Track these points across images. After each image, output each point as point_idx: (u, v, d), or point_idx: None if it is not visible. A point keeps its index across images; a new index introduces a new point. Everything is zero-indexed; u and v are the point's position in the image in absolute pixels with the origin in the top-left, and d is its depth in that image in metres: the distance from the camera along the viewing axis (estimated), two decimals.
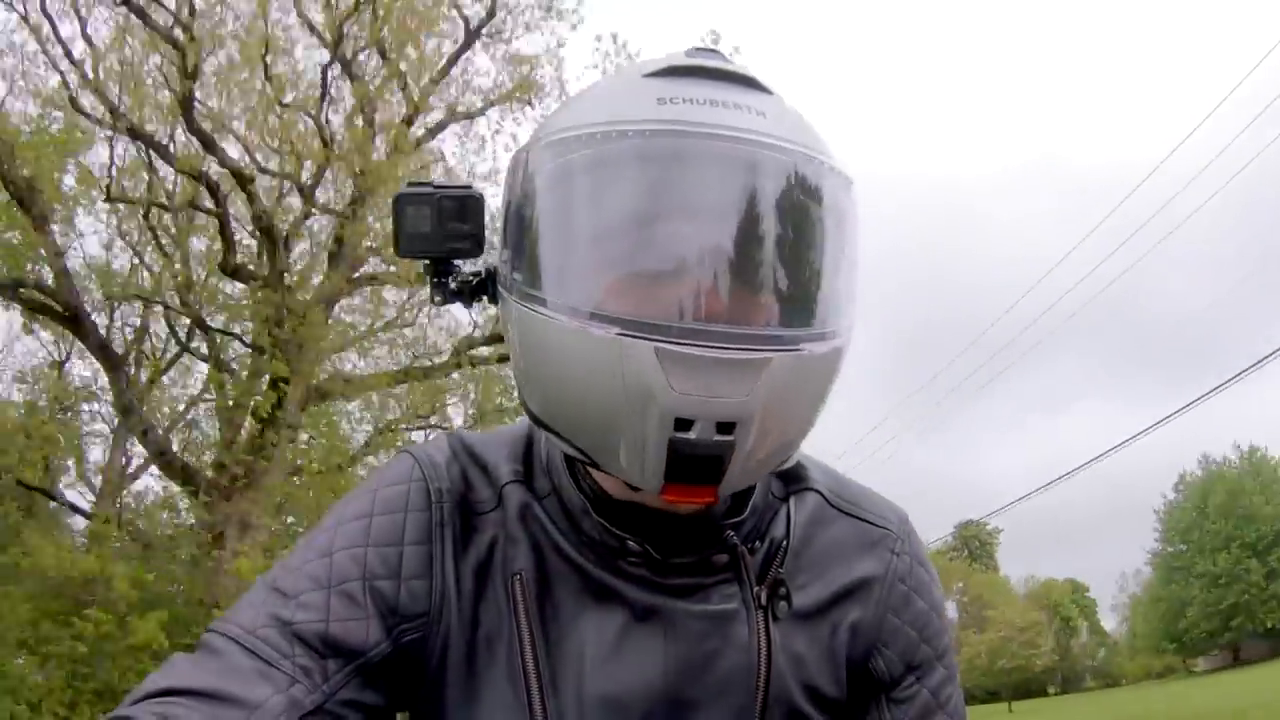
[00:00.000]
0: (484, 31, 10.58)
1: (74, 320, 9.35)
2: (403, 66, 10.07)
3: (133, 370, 12.35)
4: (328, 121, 10.03)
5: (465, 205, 0.80)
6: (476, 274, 0.83)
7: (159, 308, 11.64)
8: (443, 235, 0.80)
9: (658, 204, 0.70)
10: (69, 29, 9.33)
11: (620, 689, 0.77)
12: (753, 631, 0.79)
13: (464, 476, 0.84)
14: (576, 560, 0.80)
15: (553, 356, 0.71)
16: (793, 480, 0.88)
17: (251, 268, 10.15)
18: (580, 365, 0.69)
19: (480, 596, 0.80)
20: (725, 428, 0.67)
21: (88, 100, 9.44)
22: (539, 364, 0.73)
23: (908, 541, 0.90)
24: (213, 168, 9.48)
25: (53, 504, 11.74)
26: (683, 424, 0.66)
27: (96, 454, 14.73)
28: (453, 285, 0.83)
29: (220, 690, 0.68)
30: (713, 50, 0.77)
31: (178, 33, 8.79)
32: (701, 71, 0.74)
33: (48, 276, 9.29)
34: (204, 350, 12.05)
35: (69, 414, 14.11)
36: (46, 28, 9.21)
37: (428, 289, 0.85)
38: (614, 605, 0.79)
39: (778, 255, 0.70)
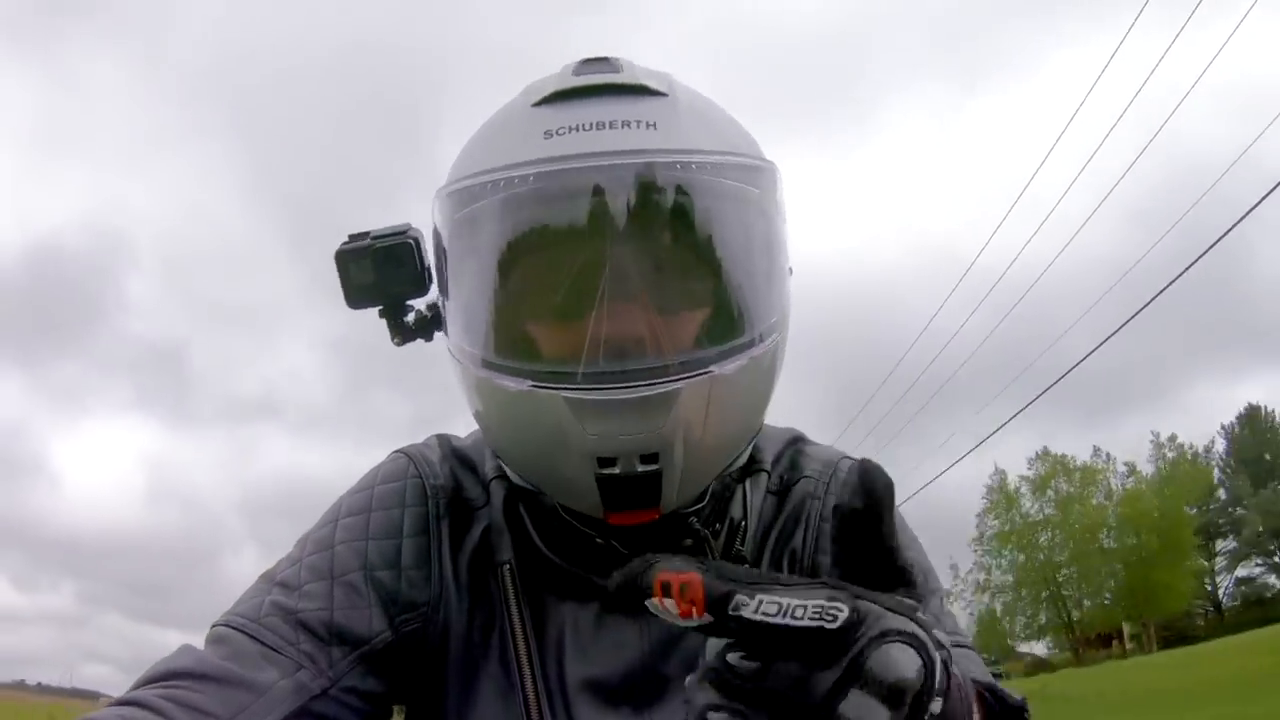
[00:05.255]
0: None
1: None
2: None
3: None
4: None
5: (400, 251, 0.80)
6: (433, 306, 0.83)
7: None
8: (385, 282, 0.81)
9: (547, 249, 0.70)
10: None
11: (600, 671, 0.79)
12: None
13: (454, 475, 0.87)
14: (552, 554, 0.82)
15: (483, 403, 0.74)
16: (748, 461, 0.88)
17: None
18: (503, 414, 0.72)
19: (476, 587, 0.83)
20: (648, 458, 0.68)
21: None
22: (475, 406, 0.76)
23: (831, 480, 0.88)
24: None
25: None
26: (606, 461, 0.68)
27: None
28: (410, 323, 0.84)
29: (228, 674, 0.69)
30: (603, 59, 0.76)
31: None
32: (588, 91, 0.72)
33: None
34: None
35: None
36: None
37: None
38: (590, 595, 0.81)
39: (671, 283, 0.70)
